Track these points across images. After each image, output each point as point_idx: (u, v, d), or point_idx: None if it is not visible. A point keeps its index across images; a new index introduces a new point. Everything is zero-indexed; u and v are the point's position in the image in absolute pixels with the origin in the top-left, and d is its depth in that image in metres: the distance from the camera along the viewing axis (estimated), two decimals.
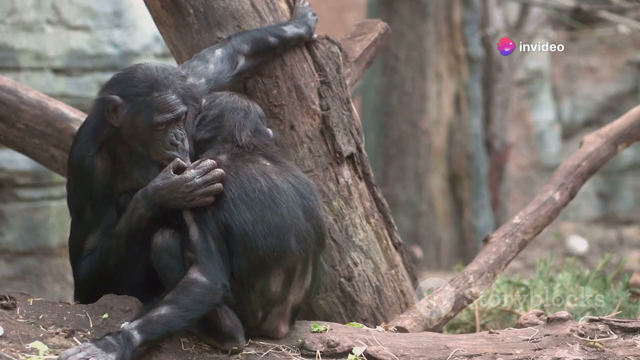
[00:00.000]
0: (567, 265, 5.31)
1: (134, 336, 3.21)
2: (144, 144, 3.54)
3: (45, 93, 4.78)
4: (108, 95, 3.50)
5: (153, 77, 3.51)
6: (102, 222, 3.61)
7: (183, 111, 3.51)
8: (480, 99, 9.84)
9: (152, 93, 3.48)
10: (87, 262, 3.62)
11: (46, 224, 6.84)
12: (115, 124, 3.52)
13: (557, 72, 12.51)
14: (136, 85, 3.50)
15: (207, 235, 3.37)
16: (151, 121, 3.48)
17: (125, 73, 3.57)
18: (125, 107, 3.48)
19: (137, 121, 3.49)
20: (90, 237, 3.63)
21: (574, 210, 11.75)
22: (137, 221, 3.50)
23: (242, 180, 3.44)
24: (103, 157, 3.60)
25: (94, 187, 3.59)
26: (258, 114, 3.70)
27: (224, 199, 3.41)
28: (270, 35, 4.00)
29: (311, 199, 3.54)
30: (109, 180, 3.61)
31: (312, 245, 3.52)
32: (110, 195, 3.62)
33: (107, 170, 3.60)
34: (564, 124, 12.46)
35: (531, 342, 3.61)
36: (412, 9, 9.44)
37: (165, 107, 3.48)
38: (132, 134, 3.53)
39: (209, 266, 3.33)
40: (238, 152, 3.56)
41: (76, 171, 3.62)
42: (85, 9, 6.97)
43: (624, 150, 4.86)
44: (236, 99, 3.71)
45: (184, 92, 3.54)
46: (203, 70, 3.80)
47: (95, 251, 3.60)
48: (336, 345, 3.47)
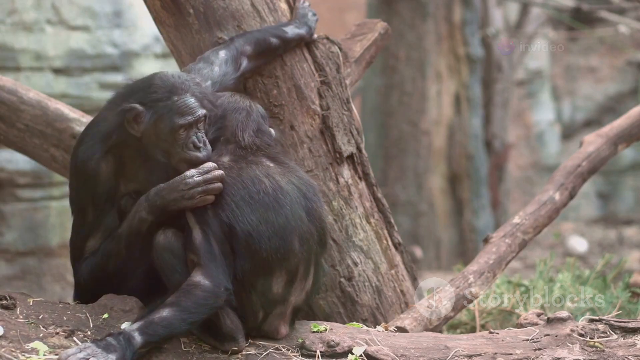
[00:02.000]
0: (567, 265, 5.31)
1: (135, 337, 3.21)
2: (166, 151, 3.54)
3: (45, 93, 4.77)
4: (128, 105, 3.51)
5: (171, 82, 3.53)
6: (103, 224, 3.62)
7: (203, 114, 3.53)
8: (480, 99, 9.84)
9: (172, 97, 3.50)
10: (87, 264, 3.62)
11: (46, 224, 6.84)
12: (136, 134, 3.53)
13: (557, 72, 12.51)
14: (156, 91, 3.52)
15: (210, 237, 3.36)
16: (174, 125, 3.49)
17: (142, 82, 3.59)
18: (146, 114, 3.50)
19: (159, 127, 3.50)
20: (91, 239, 3.63)
21: (574, 210, 11.75)
22: (137, 225, 3.51)
23: (245, 182, 3.44)
24: (108, 160, 3.60)
25: (98, 190, 3.60)
26: (260, 113, 3.70)
27: (227, 201, 3.40)
28: (272, 36, 4.01)
29: (314, 200, 3.54)
30: (112, 184, 3.62)
31: (314, 246, 3.52)
32: (113, 198, 3.63)
33: (111, 174, 3.61)
34: (564, 124, 12.46)
35: (531, 342, 3.60)
36: (412, 9, 9.44)
37: (186, 110, 3.50)
38: (154, 142, 3.53)
39: (212, 269, 3.33)
40: (241, 153, 3.56)
41: (80, 173, 3.62)
42: (85, 9, 6.97)
43: (624, 150, 4.86)
44: (238, 99, 3.71)
45: (202, 96, 3.57)
46: (209, 73, 3.83)
47: (96, 253, 3.61)
48: (336, 345, 3.47)
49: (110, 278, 3.59)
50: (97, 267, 3.59)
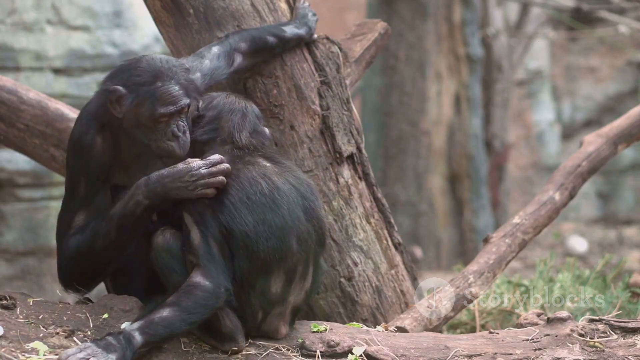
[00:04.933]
0: (567, 265, 5.30)
1: (135, 337, 3.21)
2: (146, 135, 3.53)
3: (45, 93, 4.77)
4: (111, 86, 3.50)
5: (157, 67, 3.51)
6: (94, 201, 3.59)
7: (186, 104, 3.52)
8: (480, 99, 9.85)
9: (156, 83, 3.48)
10: (74, 240, 3.58)
11: (46, 224, 6.84)
12: (118, 115, 3.51)
13: (557, 72, 12.52)
14: (140, 74, 3.50)
15: (209, 238, 3.36)
16: (154, 112, 3.48)
17: (129, 63, 3.57)
18: (128, 97, 3.48)
19: (140, 112, 3.49)
20: (79, 214, 3.60)
21: (574, 210, 11.75)
22: (132, 207, 3.46)
23: (243, 183, 3.44)
24: (105, 137, 3.58)
25: (91, 164, 3.57)
26: (255, 114, 3.70)
27: (225, 202, 3.40)
28: (269, 35, 4.00)
29: (312, 200, 3.54)
30: (107, 161, 3.59)
31: (312, 246, 3.52)
32: (105, 178, 3.60)
33: (106, 152, 3.58)
34: (564, 124, 12.46)
35: (531, 342, 3.60)
36: (412, 9, 9.45)
37: (168, 98, 3.48)
38: (135, 125, 3.52)
39: (212, 270, 3.33)
40: (238, 153, 3.55)
41: (76, 147, 3.60)
42: (85, 9, 6.97)
43: (624, 150, 4.86)
44: (233, 99, 3.70)
45: (187, 84, 3.55)
46: (198, 65, 3.79)
47: (84, 230, 3.57)
48: (336, 345, 3.47)
49: (95, 257, 3.55)
50: (84, 244, 3.55)
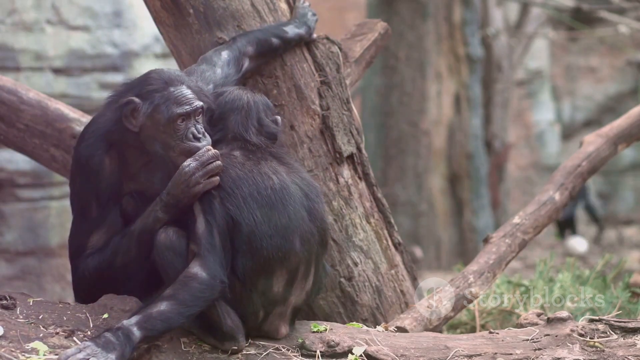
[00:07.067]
0: (567, 265, 5.30)
1: (133, 332, 3.21)
2: (165, 143, 3.53)
3: (45, 93, 4.77)
4: (125, 99, 3.53)
5: (166, 75, 3.56)
6: (107, 221, 3.61)
7: (200, 105, 3.54)
8: (480, 99, 9.85)
9: (169, 88, 3.52)
10: (93, 260, 3.60)
11: (46, 224, 6.84)
12: (134, 129, 3.53)
13: (557, 72, 12.53)
14: (152, 83, 3.54)
15: (214, 228, 3.37)
16: (171, 114, 3.49)
17: (138, 78, 3.62)
18: (143, 106, 3.50)
19: (156, 118, 3.50)
20: (94, 235, 3.62)
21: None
22: (152, 223, 3.50)
23: (255, 178, 3.45)
24: (112, 156, 3.61)
25: (101, 185, 3.60)
26: (262, 106, 3.69)
27: (235, 193, 3.41)
28: (273, 37, 4.02)
29: (316, 201, 3.55)
30: (116, 180, 3.62)
31: (315, 246, 3.52)
32: (116, 195, 3.62)
33: (114, 170, 3.61)
34: (564, 124, 12.47)
35: (531, 342, 3.60)
36: (412, 9, 9.45)
37: (183, 99, 3.51)
38: (152, 134, 3.53)
39: (210, 260, 3.33)
40: (250, 148, 3.57)
41: (84, 169, 3.62)
42: (85, 9, 6.97)
43: (624, 150, 4.86)
44: (236, 96, 3.69)
45: (198, 90, 3.59)
46: (211, 76, 3.83)
47: (103, 249, 3.59)
48: (336, 345, 3.47)
49: (115, 275, 3.58)
50: (104, 262, 3.58)
